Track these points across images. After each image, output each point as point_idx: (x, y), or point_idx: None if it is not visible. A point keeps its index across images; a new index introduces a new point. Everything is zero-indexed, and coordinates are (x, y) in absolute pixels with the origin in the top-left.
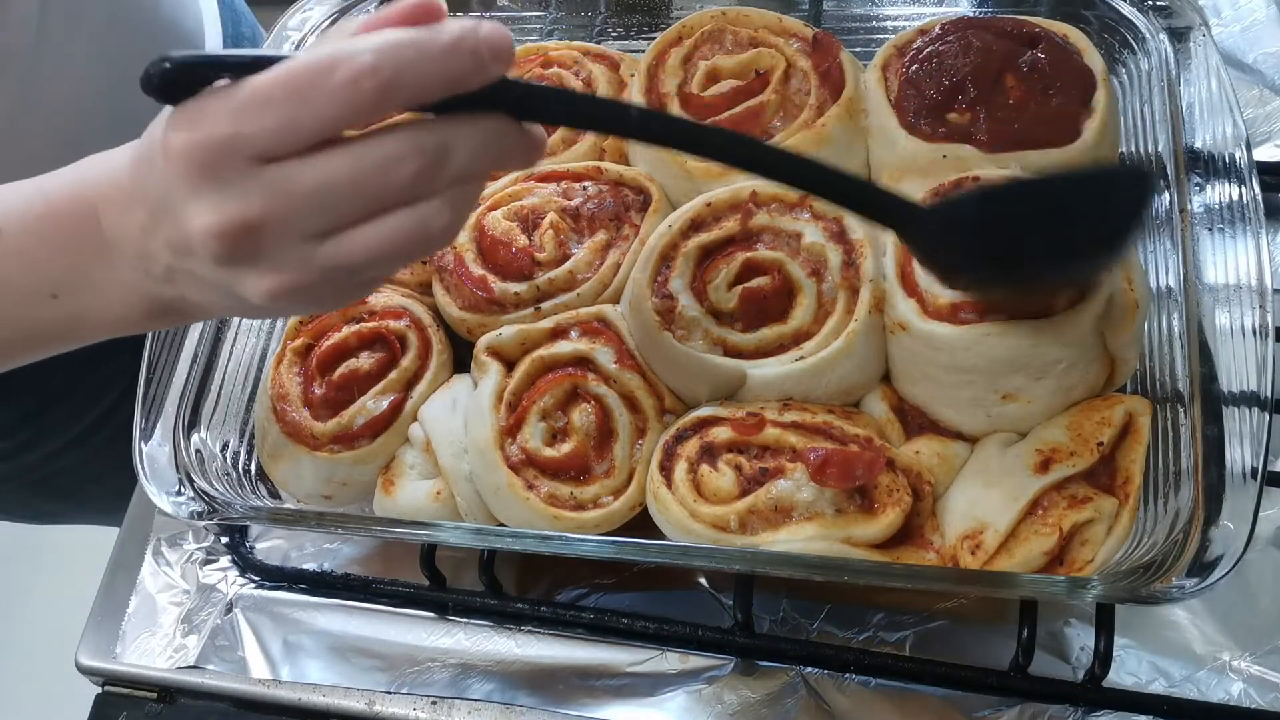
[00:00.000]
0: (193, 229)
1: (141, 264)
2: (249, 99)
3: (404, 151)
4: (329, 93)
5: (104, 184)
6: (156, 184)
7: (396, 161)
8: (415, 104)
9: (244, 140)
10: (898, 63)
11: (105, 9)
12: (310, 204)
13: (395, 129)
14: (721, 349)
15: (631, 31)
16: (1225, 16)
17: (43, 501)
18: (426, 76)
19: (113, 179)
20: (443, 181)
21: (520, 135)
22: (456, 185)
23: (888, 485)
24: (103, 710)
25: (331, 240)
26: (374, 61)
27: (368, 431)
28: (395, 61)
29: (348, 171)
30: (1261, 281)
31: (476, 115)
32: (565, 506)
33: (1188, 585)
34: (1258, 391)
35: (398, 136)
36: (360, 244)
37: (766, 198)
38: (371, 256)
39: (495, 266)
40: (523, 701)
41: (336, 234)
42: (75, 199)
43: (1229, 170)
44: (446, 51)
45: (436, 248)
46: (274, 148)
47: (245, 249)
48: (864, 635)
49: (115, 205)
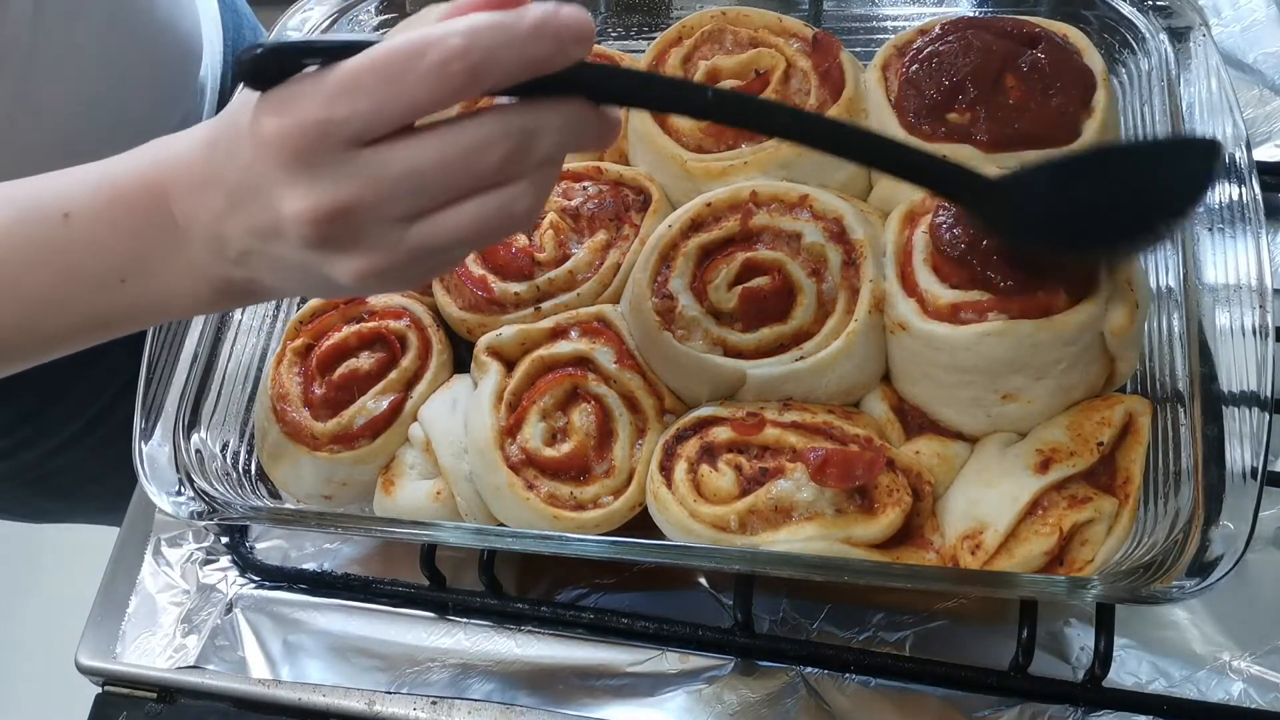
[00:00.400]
0: (285, 214)
1: (215, 246)
2: (341, 83)
3: (492, 137)
4: (420, 76)
5: (175, 167)
6: (240, 168)
7: (485, 147)
8: (501, 87)
9: (336, 125)
10: (898, 63)
11: (103, 8)
12: (401, 188)
13: (482, 114)
14: (721, 349)
15: (631, 31)
16: (1225, 16)
17: (41, 500)
18: (512, 60)
19: (185, 162)
20: (529, 165)
21: (598, 118)
22: (540, 169)
23: (888, 485)
24: (103, 710)
25: (420, 222)
26: (463, 44)
27: (368, 431)
28: (483, 44)
29: (437, 156)
30: (1261, 281)
31: (558, 100)
32: (565, 506)
33: (1188, 585)
34: (1258, 391)
35: (485, 121)
36: (449, 226)
37: (766, 197)
38: (459, 238)
39: (495, 266)
40: (523, 701)
41: (425, 216)
42: (145, 183)
43: (1229, 170)
44: (531, 35)
45: (520, 228)
46: (366, 132)
47: (338, 233)
48: (864, 635)
49: (188, 189)
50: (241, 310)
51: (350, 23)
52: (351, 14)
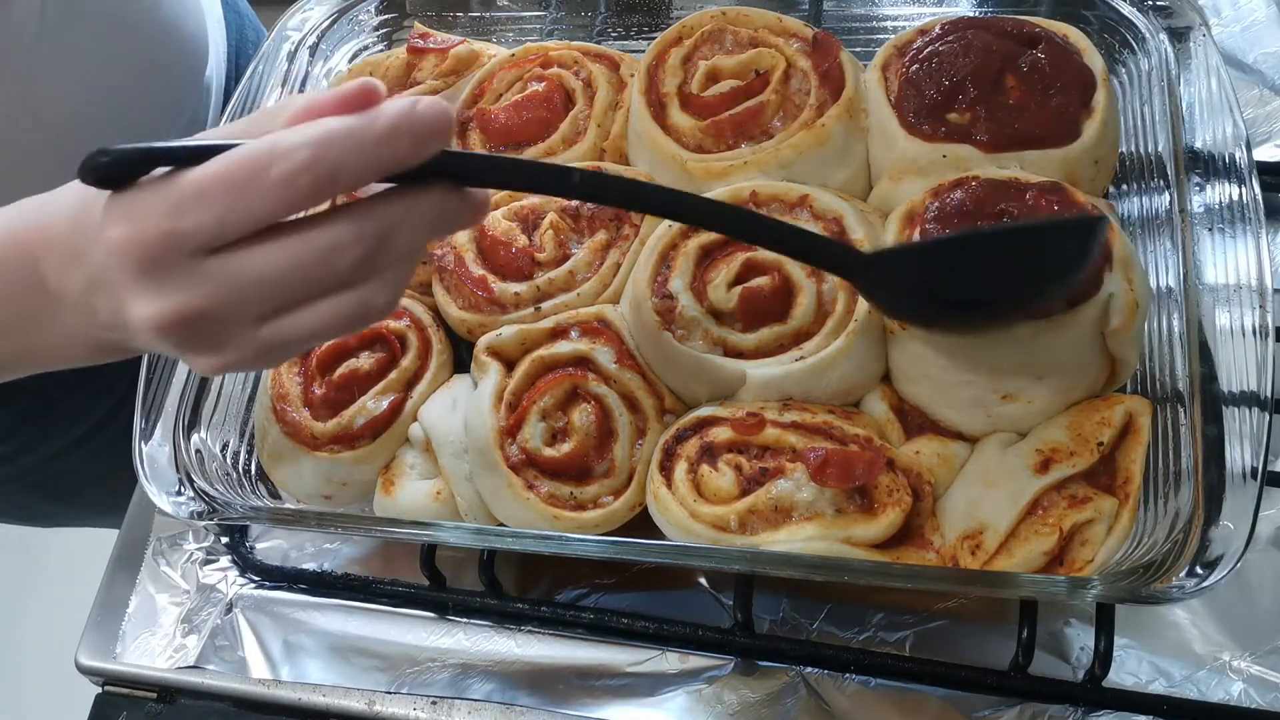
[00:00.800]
0: (133, 319)
1: (86, 314)
2: (185, 194)
3: (345, 240)
4: (265, 189)
5: (46, 235)
6: (96, 262)
7: (337, 251)
8: (355, 188)
9: (182, 236)
10: (898, 63)
11: (107, 10)
12: (252, 294)
13: (336, 214)
14: (721, 349)
15: (631, 31)
16: (1225, 16)
17: (43, 504)
18: (364, 165)
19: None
20: (385, 263)
21: (461, 202)
22: (398, 263)
23: (888, 485)
24: (103, 710)
25: (275, 322)
26: (310, 156)
27: (368, 431)
28: (332, 156)
29: (290, 262)
30: (1261, 281)
31: (417, 192)
32: (565, 506)
33: (1188, 585)
34: (1258, 391)
35: (338, 226)
36: (304, 325)
37: (766, 197)
38: (313, 336)
39: (495, 266)
40: (523, 701)
41: (280, 316)
42: (16, 247)
43: (1229, 170)
44: (384, 138)
45: (376, 320)
46: (213, 241)
47: (188, 336)
48: (864, 635)
49: (56, 258)
50: None
51: (350, 23)
52: (351, 14)
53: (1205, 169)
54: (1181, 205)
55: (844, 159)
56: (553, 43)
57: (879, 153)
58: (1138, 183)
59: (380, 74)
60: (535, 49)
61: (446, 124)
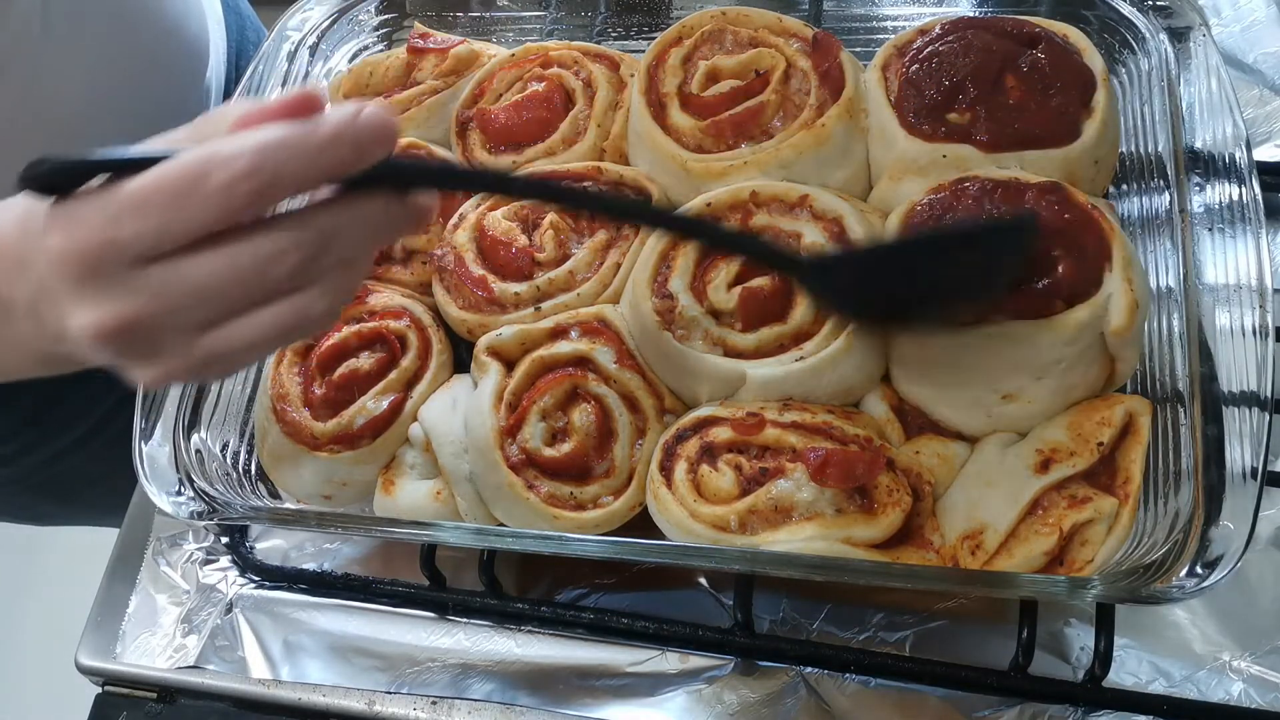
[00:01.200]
0: (72, 327)
1: (36, 324)
2: (124, 203)
3: (283, 248)
4: (204, 198)
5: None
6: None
7: (276, 258)
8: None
9: (120, 246)
10: (898, 63)
11: (108, 10)
12: (190, 302)
13: (275, 223)
14: (721, 349)
15: (631, 31)
16: (1225, 16)
17: (44, 504)
18: (305, 172)
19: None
20: (322, 271)
21: (403, 208)
22: (338, 270)
23: (888, 485)
24: (103, 710)
25: (214, 330)
26: (249, 166)
27: (368, 431)
28: (272, 164)
29: (228, 271)
30: (1261, 281)
31: (359, 199)
32: (565, 506)
33: (1188, 585)
34: (1258, 391)
35: (277, 234)
36: (243, 333)
37: (767, 197)
38: (252, 344)
39: (495, 266)
40: (523, 701)
41: (219, 325)
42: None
43: (1229, 170)
44: (324, 147)
45: (317, 329)
46: (152, 250)
47: (126, 345)
48: (864, 635)
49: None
50: None
51: (350, 23)
52: (351, 14)
53: (1205, 169)
54: (1181, 205)
55: (844, 159)
56: (553, 43)
57: (879, 153)
58: (1138, 183)
59: (380, 74)
60: (535, 49)
61: (389, 132)
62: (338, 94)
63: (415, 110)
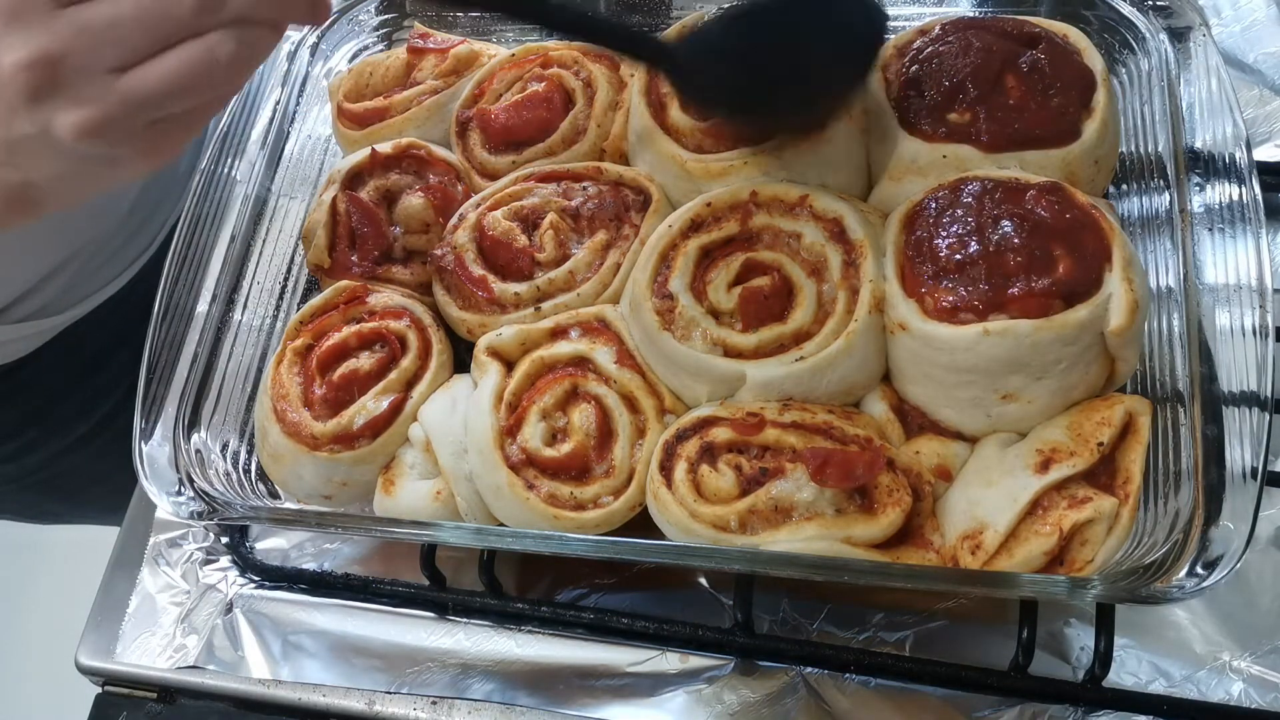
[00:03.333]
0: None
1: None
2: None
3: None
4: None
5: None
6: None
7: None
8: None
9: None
10: (898, 63)
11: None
12: (104, 38)
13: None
14: (721, 349)
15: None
16: (1225, 16)
17: (46, 502)
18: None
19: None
20: (224, 17)
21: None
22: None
23: (888, 485)
24: (103, 710)
25: (129, 74)
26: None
27: (368, 431)
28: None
29: (134, 7)
30: (1261, 281)
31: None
32: (565, 506)
33: (1188, 585)
34: (1258, 391)
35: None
36: (154, 74)
37: (766, 198)
38: (166, 85)
39: (495, 266)
40: (523, 701)
41: (133, 68)
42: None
43: (1229, 170)
44: None
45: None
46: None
47: (50, 79)
48: (864, 635)
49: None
50: (241, 310)
51: (350, 23)
52: (351, 14)
53: (1205, 169)
54: (1181, 205)
55: (844, 159)
56: (553, 43)
57: (879, 153)
58: (1138, 183)
59: (380, 74)
60: (535, 49)
61: None
62: (338, 94)
63: (415, 110)
